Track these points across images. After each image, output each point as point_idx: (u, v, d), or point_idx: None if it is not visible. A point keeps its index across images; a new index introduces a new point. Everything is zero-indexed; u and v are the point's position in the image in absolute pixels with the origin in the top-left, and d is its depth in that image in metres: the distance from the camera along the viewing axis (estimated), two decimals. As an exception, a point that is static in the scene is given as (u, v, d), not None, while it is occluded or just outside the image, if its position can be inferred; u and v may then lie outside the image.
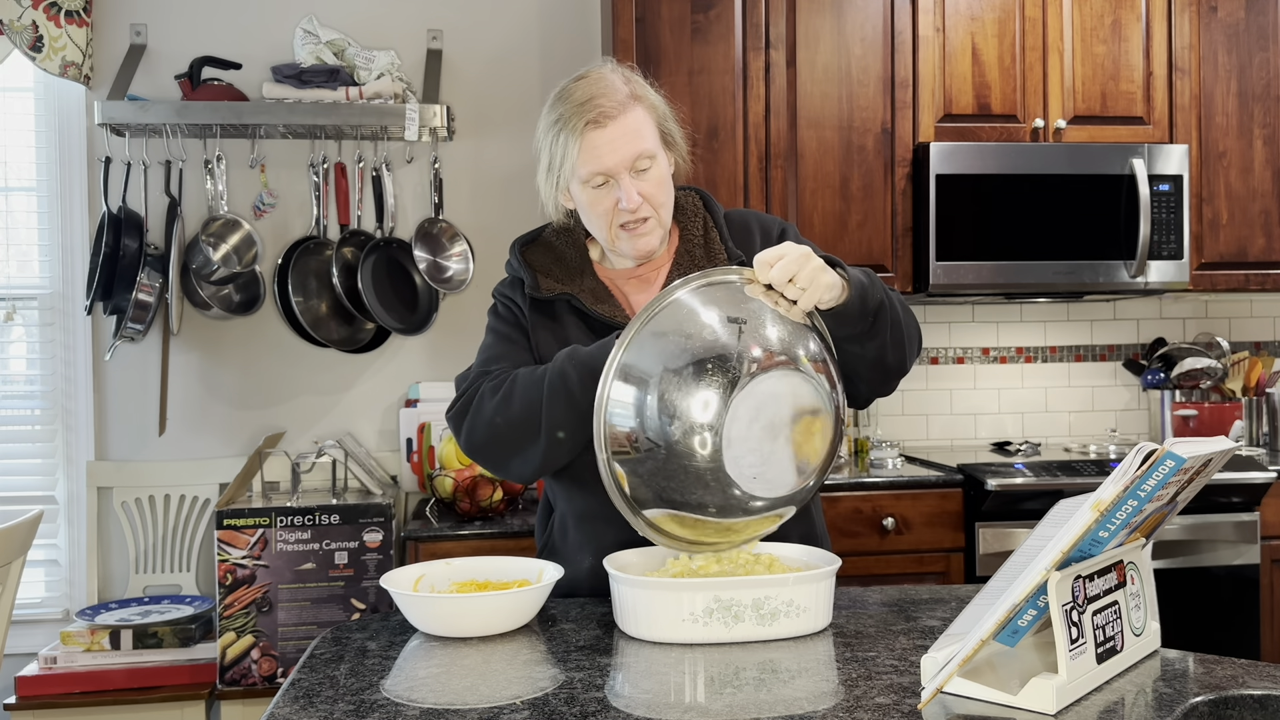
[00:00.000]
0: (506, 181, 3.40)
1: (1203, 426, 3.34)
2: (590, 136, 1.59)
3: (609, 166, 1.61)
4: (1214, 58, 3.26)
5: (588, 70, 1.66)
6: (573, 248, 1.75)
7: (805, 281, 1.42)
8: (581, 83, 1.63)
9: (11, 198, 3.29)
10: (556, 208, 1.72)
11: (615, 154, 1.60)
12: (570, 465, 1.61)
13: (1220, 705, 1.16)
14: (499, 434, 1.59)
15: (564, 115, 1.62)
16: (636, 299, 1.72)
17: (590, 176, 1.62)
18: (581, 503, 1.66)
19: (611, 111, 1.60)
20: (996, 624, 1.11)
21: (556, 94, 1.66)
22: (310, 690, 1.24)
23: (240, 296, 3.21)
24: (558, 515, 1.74)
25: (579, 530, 1.68)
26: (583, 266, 1.73)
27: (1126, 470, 1.11)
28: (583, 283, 1.71)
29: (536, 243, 1.78)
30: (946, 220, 3.07)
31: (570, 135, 1.60)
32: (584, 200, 1.66)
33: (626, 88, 1.63)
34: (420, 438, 3.17)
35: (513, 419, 1.57)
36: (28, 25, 3.08)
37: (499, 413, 1.58)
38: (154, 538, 3.22)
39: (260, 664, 2.73)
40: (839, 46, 3.13)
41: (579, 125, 1.59)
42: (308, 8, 3.30)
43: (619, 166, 1.61)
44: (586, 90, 1.61)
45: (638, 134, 1.61)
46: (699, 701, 1.19)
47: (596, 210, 1.65)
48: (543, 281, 1.70)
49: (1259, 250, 3.29)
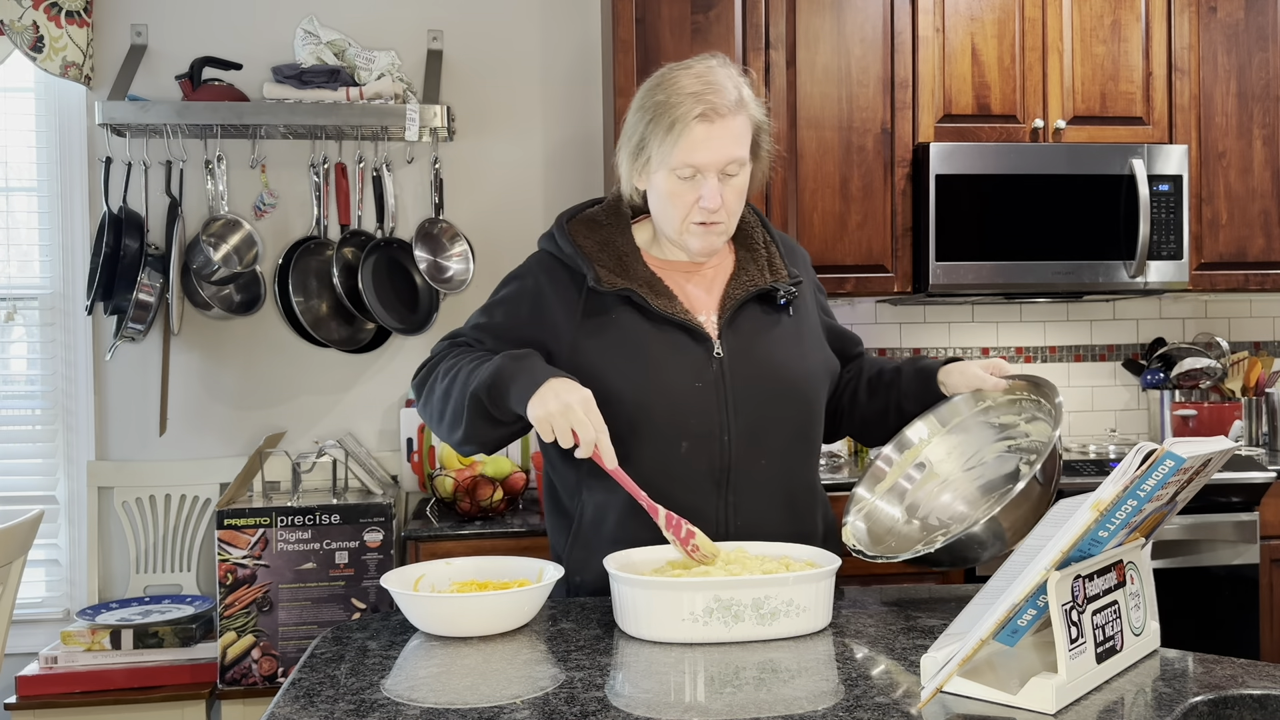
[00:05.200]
0: (507, 181, 3.40)
1: (1202, 426, 3.34)
2: (696, 129, 1.61)
3: (704, 163, 1.62)
4: (1213, 58, 3.26)
5: (693, 62, 1.67)
6: (620, 231, 1.75)
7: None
8: (689, 73, 1.64)
9: (12, 198, 3.29)
10: (630, 187, 1.72)
11: (713, 152, 1.62)
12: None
13: (1220, 705, 1.16)
14: (435, 425, 1.69)
15: (670, 101, 1.62)
16: (688, 291, 1.73)
17: (682, 167, 1.63)
18: (628, 497, 1.60)
19: (722, 110, 1.61)
20: (996, 623, 1.11)
21: (661, 79, 1.67)
22: (311, 690, 1.24)
23: (241, 297, 3.21)
24: (591, 507, 1.70)
25: (620, 526, 1.65)
26: (632, 252, 1.73)
27: (1126, 470, 1.11)
28: (637, 273, 1.70)
29: (582, 220, 1.77)
30: (946, 220, 3.07)
31: (677, 123, 1.61)
32: (665, 189, 1.66)
33: (736, 92, 1.64)
34: (420, 438, 3.17)
35: (444, 419, 1.66)
36: (28, 25, 3.08)
37: (437, 407, 1.67)
38: (154, 537, 3.22)
39: (261, 664, 2.73)
40: (839, 47, 3.13)
41: (688, 116, 1.60)
42: (308, 8, 3.30)
43: (713, 165, 1.62)
44: (697, 82, 1.62)
45: (737, 139, 1.64)
46: (699, 701, 1.19)
47: (676, 201, 1.66)
48: (602, 274, 1.69)
49: (1258, 250, 3.29)
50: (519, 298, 1.74)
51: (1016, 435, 1.69)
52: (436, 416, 1.68)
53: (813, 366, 1.75)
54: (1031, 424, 1.68)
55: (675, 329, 1.67)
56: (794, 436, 1.72)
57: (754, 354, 1.70)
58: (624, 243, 1.73)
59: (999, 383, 1.70)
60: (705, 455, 1.65)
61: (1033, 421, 1.68)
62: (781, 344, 1.73)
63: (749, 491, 1.68)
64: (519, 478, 2.88)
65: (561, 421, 1.50)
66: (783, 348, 1.72)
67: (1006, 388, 1.71)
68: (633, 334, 1.67)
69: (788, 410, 1.71)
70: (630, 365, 1.65)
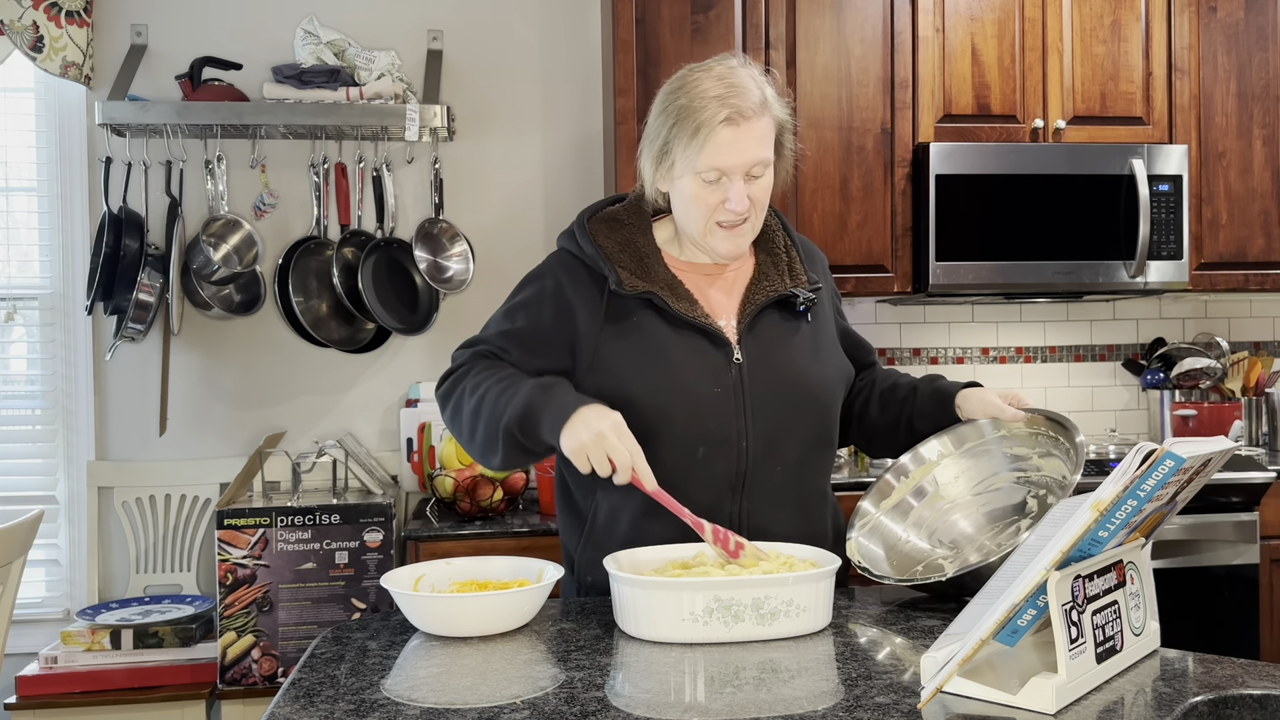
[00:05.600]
0: (507, 181, 3.40)
1: (1202, 426, 3.34)
2: (722, 133, 1.59)
3: (730, 165, 1.61)
4: (1213, 58, 3.26)
5: (713, 64, 1.66)
6: (642, 232, 1.74)
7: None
8: (710, 75, 1.63)
9: (12, 198, 3.29)
10: (654, 190, 1.71)
11: (740, 155, 1.61)
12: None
13: (1220, 705, 1.16)
14: (465, 443, 1.68)
15: (694, 105, 1.61)
16: (708, 294, 1.72)
17: (708, 171, 1.62)
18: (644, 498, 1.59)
19: (747, 112, 1.60)
20: (996, 623, 1.11)
21: (683, 81, 1.65)
22: (311, 690, 1.24)
23: (241, 296, 3.21)
24: (605, 507, 1.70)
25: (634, 528, 1.65)
26: (653, 254, 1.72)
27: (1126, 470, 1.11)
28: (658, 275, 1.70)
29: (603, 218, 1.76)
30: (946, 220, 3.07)
31: (702, 127, 1.60)
32: (689, 192, 1.65)
33: (760, 93, 1.63)
34: (420, 438, 3.17)
35: (474, 440, 1.65)
36: (28, 25, 3.08)
37: (467, 426, 1.66)
38: (154, 537, 3.22)
39: (261, 664, 2.73)
40: (839, 47, 3.13)
41: (714, 120, 1.59)
42: (308, 8, 3.30)
43: (739, 168, 1.61)
44: (720, 85, 1.61)
45: (762, 140, 1.62)
46: (699, 701, 1.19)
47: (701, 204, 1.65)
48: (624, 276, 1.68)
49: (1258, 250, 3.29)
50: (540, 300, 1.72)
51: (1029, 468, 1.69)
52: (467, 436, 1.66)
53: (830, 374, 1.75)
54: (1045, 459, 1.67)
55: (695, 333, 1.67)
56: (810, 443, 1.72)
57: (773, 360, 1.69)
58: (645, 243, 1.73)
59: (1017, 414, 1.69)
60: (722, 460, 1.65)
61: (1047, 457, 1.67)
62: (800, 351, 1.72)
63: (763, 496, 1.68)
64: (519, 478, 2.88)
65: (596, 450, 1.50)
66: (801, 355, 1.72)
67: (1026, 419, 1.69)
68: (654, 337, 1.66)
69: (805, 417, 1.70)
70: (651, 369, 1.64)
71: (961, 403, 1.75)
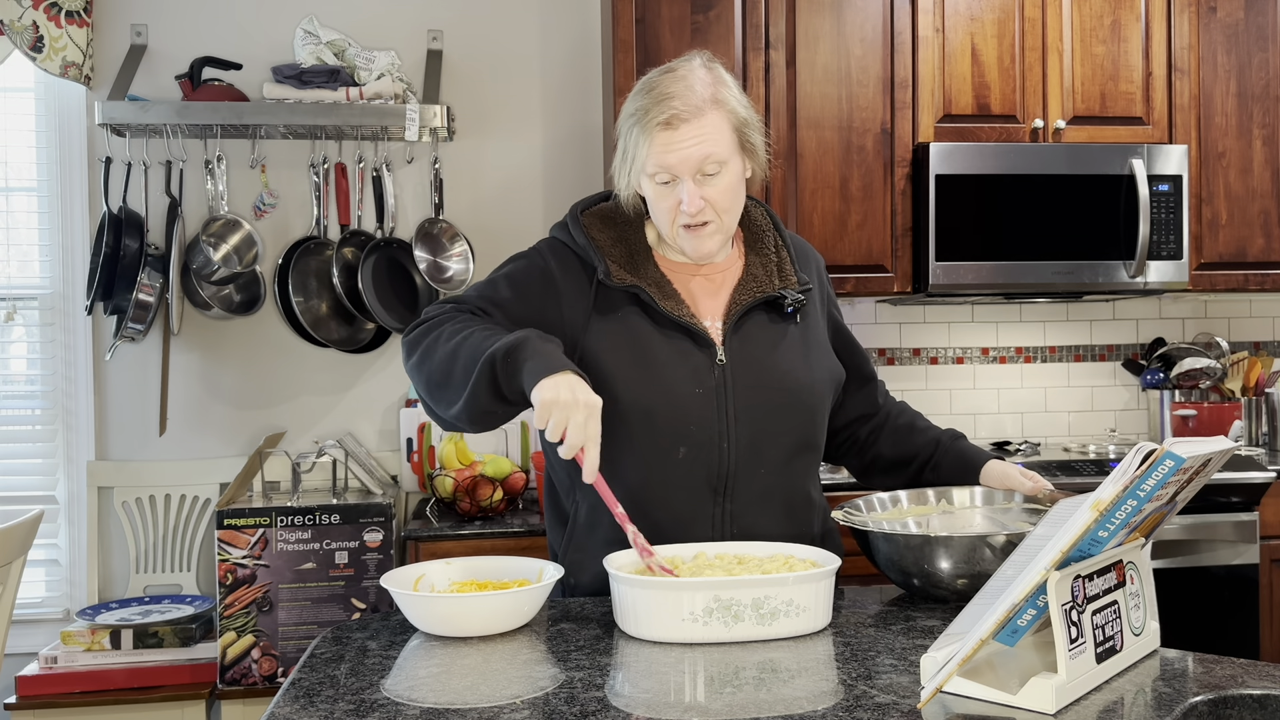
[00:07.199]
0: (506, 181, 3.40)
1: (1202, 426, 3.34)
2: (660, 136, 1.60)
3: (672, 165, 1.61)
4: (1213, 58, 3.26)
5: (677, 65, 1.66)
6: (635, 229, 1.74)
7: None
8: (667, 77, 1.63)
9: (12, 198, 3.29)
10: (630, 194, 1.71)
11: (680, 156, 1.60)
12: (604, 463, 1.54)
13: (1219, 705, 1.16)
14: (428, 387, 1.61)
15: (642, 109, 1.62)
16: (695, 294, 1.72)
17: (658, 172, 1.62)
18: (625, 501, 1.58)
19: (684, 114, 1.59)
20: (996, 623, 1.11)
21: (642, 84, 1.66)
22: (310, 690, 1.24)
23: (241, 296, 3.21)
24: (584, 509, 1.69)
25: (614, 529, 1.60)
26: (644, 250, 1.72)
27: (1126, 470, 1.11)
28: (647, 272, 1.69)
29: (597, 213, 1.76)
30: (946, 220, 3.07)
31: (642, 132, 1.61)
32: (650, 194, 1.66)
33: (709, 90, 1.62)
34: (420, 438, 3.17)
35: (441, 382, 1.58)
36: (28, 25, 3.08)
37: (439, 367, 1.58)
38: (154, 537, 3.22)
39: (260, 664, 2.73)
40: (839, 47, 3.13)
41: (651, 124, 1.60)
42: (308, 8, 3.30)
43: (684, 169, 1.61)
44: (667, 87, 1.61)
45: (707, 139, 1.61)
46: (699, 701, 1.19)
47: (660, 206, 1.66)
48: (613, 268, 1.68)
49: (1258, 250, 3.29)
50: (528, 275, 1.71)
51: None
52: (437, 377, 1.59)
53: (818, 377, 1.73)
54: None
55: (679, 332, 1.66)
56: (795, 447, 1.70)
57: (758, 362, 1.68)
58: (637, 240, 1.73)
59: (1040, 485, 1.67)
60: (704, 463, 1.64)
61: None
62: (786, 353, 1.71)
63: (747, 500, 1.67)
64: (519, 478, 2.88)
65: (561, 414, 1.44)
66: (788, 357, 1.71)
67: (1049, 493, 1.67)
68: (638, 335, 1.65)
69: (790, 421, 1.69)
70: (633, 368, 1.64)
71: (985, 479, 1.75)
